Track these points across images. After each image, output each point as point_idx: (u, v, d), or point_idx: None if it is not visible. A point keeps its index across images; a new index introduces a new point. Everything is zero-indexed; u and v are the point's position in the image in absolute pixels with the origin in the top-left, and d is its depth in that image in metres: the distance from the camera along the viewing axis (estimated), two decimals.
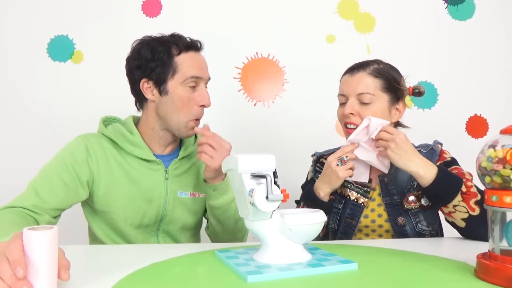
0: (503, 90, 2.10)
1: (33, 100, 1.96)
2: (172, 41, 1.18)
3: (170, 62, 1.16)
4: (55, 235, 0.67)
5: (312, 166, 1.39)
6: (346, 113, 1.21)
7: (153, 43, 1.18)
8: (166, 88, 1.17)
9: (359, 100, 1.21)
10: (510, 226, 0.74)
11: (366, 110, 1.20)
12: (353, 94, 1.21)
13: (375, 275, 0.80)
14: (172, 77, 1.17)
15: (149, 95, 1.19)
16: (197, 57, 1.21)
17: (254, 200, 0.81)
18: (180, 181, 1.26)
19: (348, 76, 1.25)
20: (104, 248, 1.15)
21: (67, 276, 0.69)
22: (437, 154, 1.23)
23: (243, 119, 2.03)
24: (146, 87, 1.19)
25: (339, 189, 1.27)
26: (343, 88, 1.26)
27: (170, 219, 1.25)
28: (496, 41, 2.10)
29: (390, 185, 1.22)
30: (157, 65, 1.16)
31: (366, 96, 1.20)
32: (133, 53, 1.21)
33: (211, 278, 0.80)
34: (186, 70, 1.17)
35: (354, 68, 1.25)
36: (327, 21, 2.06)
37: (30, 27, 1.97)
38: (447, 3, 2.09)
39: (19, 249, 0.64)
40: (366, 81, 1.21)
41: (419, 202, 1.19)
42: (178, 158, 1.26)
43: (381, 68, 1.23)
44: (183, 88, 1.17)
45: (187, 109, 1.18)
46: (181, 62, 1.17)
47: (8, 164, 1.93)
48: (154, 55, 1.16)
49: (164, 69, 1.16)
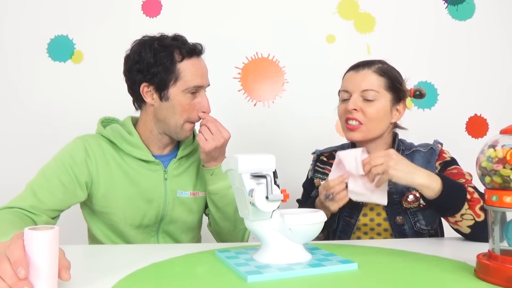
0: (503, 90, 2.10)
1: (33, 100, 1.96)
2: (175, 46, 1.17)
3: (173, 68, 1.15)
4: (56, 235, 0.67)
5: (312, 165, 1.39)
6: (350, 108, 1.20)
7: (154, 45, 1.16)
8: (167, 94, 1.17)
9: (362, 97, 1.20)
10: (510, 226, 0.74)
11: (369, 107, 1.20)
12: (357, 90, 1.21)
13: (375, 275, 0.80)
14: (174, 84, 1.16)
15: (149, 99, 1.19)
16: (199, 64, 1.20)
17: (254, 200, 0.81)
18: (179, 181, 1.26)
19: (352, 72, 1.25)
20: (104, 248, 1.15)
21: (68, 276, 0.69)
22: (437, 154, 1.23)
23: (243, 119, 2.03)
24: (146, 91, 1.18)
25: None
26: (346, 84, 1.25)
27: (170, 219, 1.25)
28: (496, 41, 2.10)
29: (389, 184, 1.21)
30: (159, 71, 1.15)
31: (371, 92, 1.20)
32: (133, 54, 1.19)
33: (211, 278, 0.80)
34: (189, 79, 1.16)
35: (359, 66, 1.25)
36: (327, 21, 2.06)
37: (30, 27, 1.97)
38: (447, 3, 2.09)
39: (20, 249, 0.64)
40: (371, 78, 1.21)
41: (418, 202, 1.19)
42: (176, 158, 1.26)
43: (385, 67, 1.24)
44: (184, 96, 1.17)
45: (186, 114, 1.19)
46: (184, 69, 1.16)
47: (8, 164, 1.93)
48: (156, 60, 1.15)
49: (167, 75, 1.15)
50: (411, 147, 1.28)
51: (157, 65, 1.15)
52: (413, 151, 1.26)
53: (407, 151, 1.27)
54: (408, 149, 1.27)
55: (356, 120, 1.20)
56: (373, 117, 1.20)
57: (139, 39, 1.21)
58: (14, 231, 0.85)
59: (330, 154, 1.36)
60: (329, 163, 1.33)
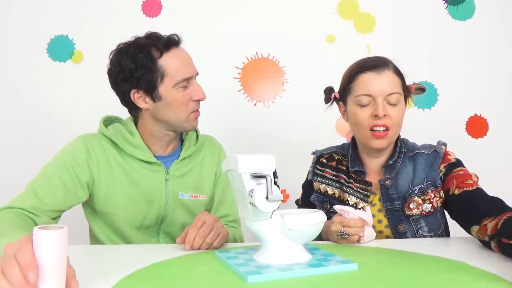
0: (503, 90, 2.09)
1: (33, 100, 1.96)
2: (150, 44, 1.14)
3: (155, 66, 1.13)
4: (65, 235, 0.64)
5: (311, 167, 1.35)
6: (381, 115, 1.13)
7: (131, 50, 1.14)
8: (158, 93, 1.15)
9: (387, 101, 1.14)
10: None
11: (394, 111, 1.15)
12: (382, 94, 1.14)
13: (375, 275, 0.80)
14: (162, 82, 1.14)
15: (142, 104, 1.18)
16: (181, 54, 1.18)
17: (254, 200, 0.81)
18: (181, 183, 1.25)
19: (372, 74, 1.16)
20: (104, 248, 1.15)
21: (77, 284, 0.68)
22: (441, 157, 1.19)
23: (243, 119, 2.03)
24: (137, 97, 1.17)
25: (338, 193, 1.26)
26: (369, 87, 1.15)
27: (171, 220, 1.25)
28: (496, 41, 2.10)
29: (391, 189, 1.19)
30: (143, 73, 1.13)
31: (395, 96, 1.14)
32: (114, 65, 1.17)
33: (211, 278, 0.80)
34: (175, 74, 1.15)
35: (378, 66, 1.17)
36: (327, 21, 2.06)
37: (30, 27, 1.97)
38: (447, 3, 2.09)
39: (30, 253, 0.62)
40: (394, 80, 1.16)
41: (421, 208, 1.16)
42: (179, 159, 1.26)
43: (395, 65, 1.19)
44: (175, 91, 1.16)
45: (184, 107, 1.17)
46: (167, 64, 1.14)
47: (8, 163, 1.93)
48: (136, 64, 1.13)
49: (151, 75, 1.13)
50: (413, 149, 1.24)
51: (139, 68, 1.13)
52: (416, 153, 1.22)
53: (410, 153, 1.23)
54: (411, 151, 1.23)
55: (385, 127, 1.14)
56: (399, 121, 1.16)
57: (115, 49, 1.18)
58: (16, 231, 0.84)
59: (330, 156, 1.32)
60: (328, 166, 1.31)
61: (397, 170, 1.21)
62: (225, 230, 1.06)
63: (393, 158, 1.22)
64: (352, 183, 1.24)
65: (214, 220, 1.04)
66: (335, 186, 1.28)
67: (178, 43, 1.19)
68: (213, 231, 1.01)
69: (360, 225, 1.04)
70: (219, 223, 1.05)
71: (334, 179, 1.29)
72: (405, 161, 1.22)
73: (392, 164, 1.21)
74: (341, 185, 1.26)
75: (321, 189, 1.30)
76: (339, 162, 1.30)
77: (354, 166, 1.25)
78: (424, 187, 1.18)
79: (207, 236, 1.00)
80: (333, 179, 1.29)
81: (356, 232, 1.04)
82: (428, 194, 1.17)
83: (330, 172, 1.30)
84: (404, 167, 1.21)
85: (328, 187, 1.28)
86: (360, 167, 1.24)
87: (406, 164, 1.22)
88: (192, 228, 1.01)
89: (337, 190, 1.27)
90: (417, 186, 1.18)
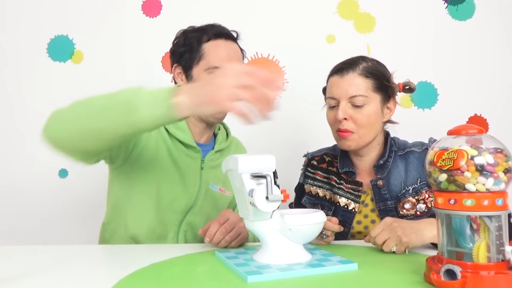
0: (503, 90, 2.09)
1: (33, 100, 1.96)
2: (205, 29, 1.21)
3: (198, 48, 1.18)
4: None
5: (302, 170, 1.34)
6: (340, 118, 1.14)
7: (188, 30, 1.22)
8: (191, 74, 1.19)
9: (351, 103, 1.15)
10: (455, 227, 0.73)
11: (359, 113, 1.15)
12: (344, 97, 1.15)
13: (375, 275, 0.80)
14: (197, 64, 1.18)
15: (179, 81, 1.22)
16: (226, 46, 1.20)
17: (254, 200, 0.81)
18: (213, 174, 1.26)
19: (337, 77, 1.18)
20: (104, 248, 1.15)
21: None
22: None
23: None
24: (177, 73, 1.23)
25: (328, 195, 1.26)
26: (332, 90, 1.18)
27: (199, 210, 1.23)
28: (497, 41, 2.10)
29: (383, 189, 1.19)
30: (186, 50, 1.19)
31: (359, 98, 1.14)
32: (172, 42, 1.24)
33: (211, 278, 0.80)
34: (211, 59, 1.17)
35: (342, 68, 1.17)
36: (327, 21, 2.06)
37: (30, 27, 1.97)
38: (447, 3, 2.09)
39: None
40: (357, 82, 1.15)
41: (415, 209, 1.16)
42: (214, 150, 1.27)
43: (370, 66, 1.17)
44: (206, 76, 1.16)
45: None
46: (208, 49, 1.18)
47: (8, 163, 1.93)
48: (185, 41, 1.20)
49: (191, 54, 1.19)
50: (404, 147, 1.24)
51: (185, 45, 1.19)
52: (407, 152, 1.22)
53: (401, 151, 1.23)
54: (402, 149, 1.23)
55: (347, 131, 1.15)
56: (365, 123, 1.15)
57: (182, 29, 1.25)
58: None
59: (321, 158, 1.32)
60: (319, 168, 1.30)
61: (388, 169, 1.20)
62: (245, 232, 1.06)
63: (383, 157, 1.21)
64: (343, 184, 1.24)
65: (237, 219, 1.05)
66: (326, 188, 1.28)
67: (229, 36, 1.22)
68: (234, 230, 1.03)
69: (336, 229, 1.02)
70: (241, 224, 1.04)
71: (324, 181, 1.29)
72: (396, 160, 1.22)
73: (383, 163, 1.21)
74: (331, 187, 1.26)
75: (312, 192, 1.29)
76: (330, 164, 1.30)
77: (344, 167, 1.25)
78: (418, 187, 1.18)
79: (227, 234, 1.01)
80: (323, 181, 1.29)
81: (330, 233, 1.02)
82: (422, 194, 1.17)
83: (321, 174, 1.30)
84: (396, 166, 1.21)
85: (319, 189, 1.28)
86: (350, 168, 1.24)
87: (397, 163, 1.21)
88: (214, 223, 1.02)
89: (328, 192, 1.27)
90: (411, 186, 1.18)
